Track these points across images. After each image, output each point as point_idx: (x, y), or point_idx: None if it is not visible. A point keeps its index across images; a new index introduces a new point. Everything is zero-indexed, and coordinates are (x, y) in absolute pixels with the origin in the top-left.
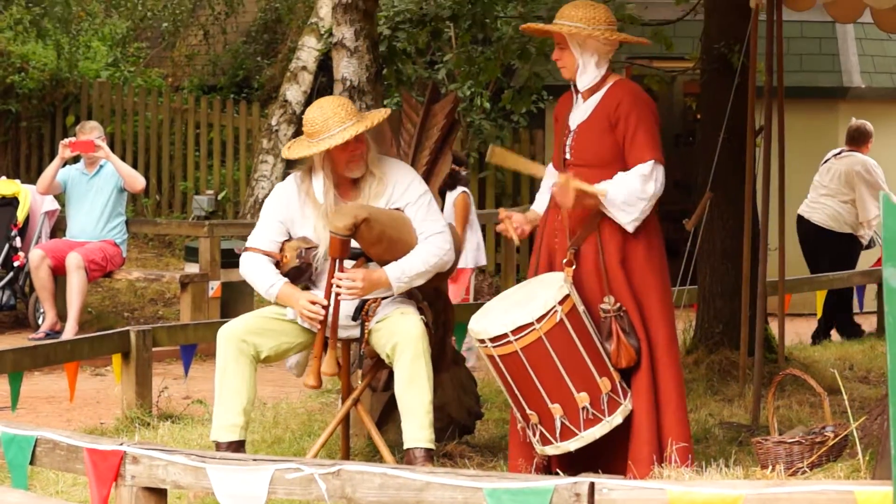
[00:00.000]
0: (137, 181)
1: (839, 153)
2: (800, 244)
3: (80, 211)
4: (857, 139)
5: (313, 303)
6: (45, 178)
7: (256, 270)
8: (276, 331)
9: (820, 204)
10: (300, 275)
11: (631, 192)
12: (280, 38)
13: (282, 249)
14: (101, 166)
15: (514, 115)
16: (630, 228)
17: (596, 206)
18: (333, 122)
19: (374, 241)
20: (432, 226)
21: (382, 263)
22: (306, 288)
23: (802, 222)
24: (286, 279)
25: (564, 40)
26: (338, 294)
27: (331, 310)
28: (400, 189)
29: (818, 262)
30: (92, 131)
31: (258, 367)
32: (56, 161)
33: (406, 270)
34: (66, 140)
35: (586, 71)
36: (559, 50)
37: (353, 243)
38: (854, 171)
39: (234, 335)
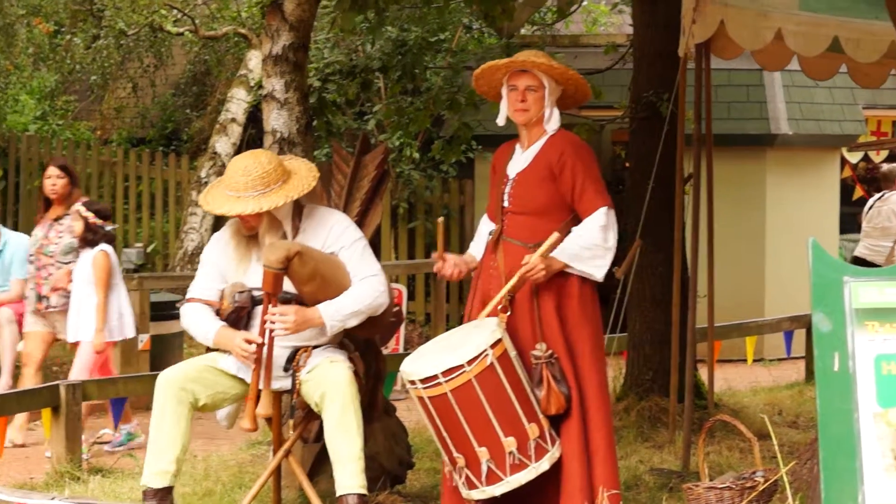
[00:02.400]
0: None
1: (881, 196)
2: None
3: None
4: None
5: (249, 342)
6: None
7: (196, 319)
8: (212, 380)
9: (882, 246)
10: (237, 319)
11: (595, 246)
12: (209, 91)
13: (221, 297)
14: (1, 250)
15: (443, 165)
16: (601, 278)
17: (561, 266)
18: (240, 183)
19: (307, 278)
20: (366, 269)
21: (315, 304)
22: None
23: (865, 264)
24: (224, 323)
25: (539, 83)
26: (271, 331)
27: (265, 349)
28: (335, 234)
29: None
30: None
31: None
32: None
33: (340, 309)
34: None
35: (553, 117)
36: (528, 91)
37: (288, 286)
38: None
39: (173, 382)
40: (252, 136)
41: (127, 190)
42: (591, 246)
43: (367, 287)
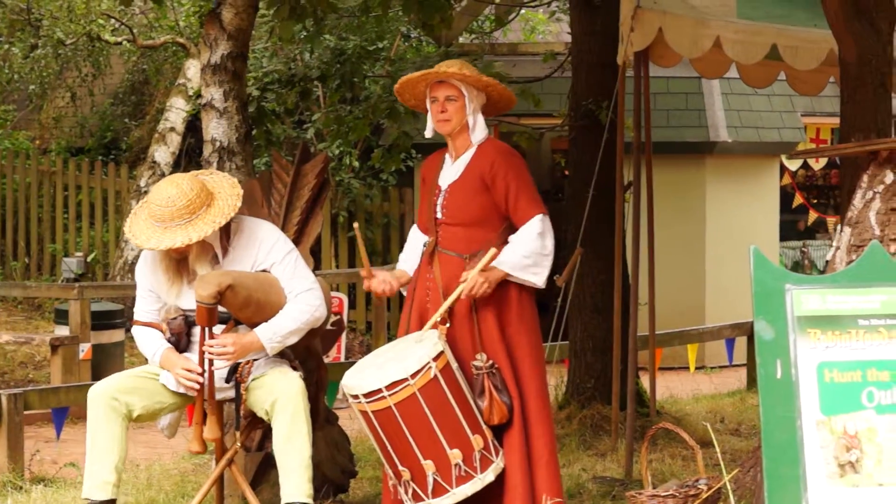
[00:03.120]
0: None
1: None
2: None
3: None
4: None
5: (189, 371)
6: None
7: (143, 341)
8: (148, 390)
9: None
10: (177, 341)
11: (534, 253)
12: (148, 100)
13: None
14: None
15: (382, 174)
16: (543, 285)
17: (502, 276)
18: (166, 214)
19: (241, 306)
20: (300, 283)
21: (253, 325)
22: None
23: None
24: (169, 345)
25: (458, 92)
26: (210, 362)
27: (205, 377)
28: (265, 249)
29: None
30: None
31: (129, 427)
32: None
33: (278, 331)
34: None
35: (477, 127)
36: (448, 102)
37: (222, 308)
38: None
39: (104, 393)
40: (191, 144)
41: (66, 199)
42: (529, 254)
43: (302, 304)
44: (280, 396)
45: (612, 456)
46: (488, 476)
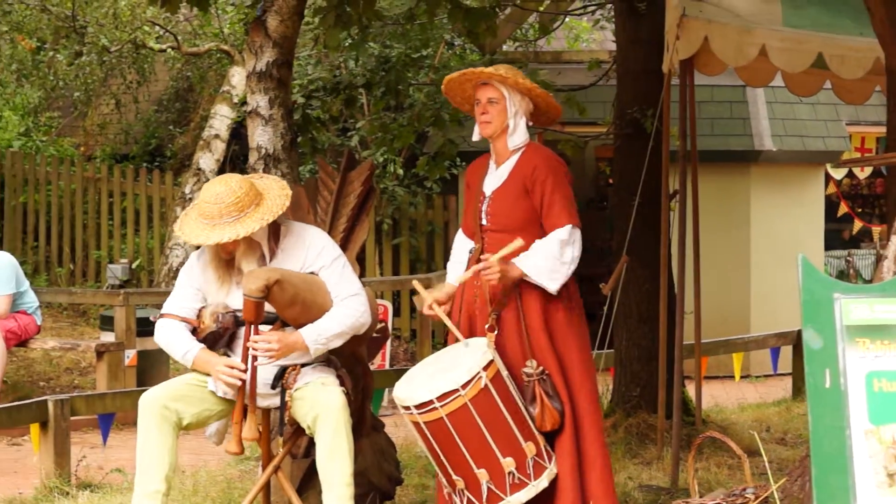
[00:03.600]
0: None
1: None
2: None
3: None
4: None
5: (231, 367)
6: None
7: (172, 336)
8: (196, 398)
9: None
10: (217, 340)
11: (553, 260)
12: (192, 107)
13: (199, 315)
14: None
15: (427, 181)
16: (555, 291)
17: (519, 275)
18: (214, 211)
19: (287, 304)
20: (347, 288)
21: (298, 326)
22: (224, 354)
23: None
24: (203, 345)
25: (500, 95)
26: (254, 358)
27: (248, 374)
28: (314, 252)
29: None
30: None
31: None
32: None
33: (322, 332)
34: None
35: (517, 131)
36: (489, 104)
37: (269, 308)
38: None
39: (155, 401)
40: (235, 152)
41: (111, 206)
42: (548, 258)
43: (348, 308)
44: (322, 412)
45: (657, 464)
46: (542, 482)
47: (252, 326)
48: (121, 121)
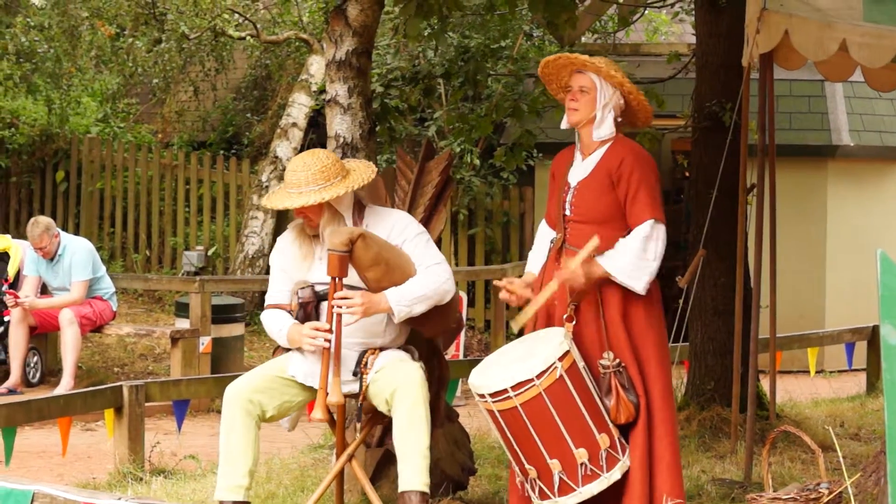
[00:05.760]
0: (63, 313)
1: None
2: None
3: (57, 288)
4: None
5: (317, 329)
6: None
7: (272, 322)
8: (278, 389)
9: None
10: (306, 316)
11: (636, 258)
12: (270, 95)
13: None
14: (60, 254)
15: (503, 172)
16: (642, 291)
17: (603, 275)
18: (301, 179)
19: (370, 263)
20: (432, 257)
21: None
22: None
23: None
24: (294, 321)
25: (592, 84)
26: (339, 315)
27: (333, 336)
28: (399, 229)
29: None
30: (41, 235)
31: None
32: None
33: (406, 294)
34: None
35: (603, 123)
36: (580, 93)
37: (354, 281)
38: None
39: (240, 395)
40: (313, 140)
41: (188, 193)
42: (632, 257)
43: (432, 274)
44: (400, 385)
45: (731, 458)
46: (614, 474)
47: (336, 283)
48: (198, 108)
